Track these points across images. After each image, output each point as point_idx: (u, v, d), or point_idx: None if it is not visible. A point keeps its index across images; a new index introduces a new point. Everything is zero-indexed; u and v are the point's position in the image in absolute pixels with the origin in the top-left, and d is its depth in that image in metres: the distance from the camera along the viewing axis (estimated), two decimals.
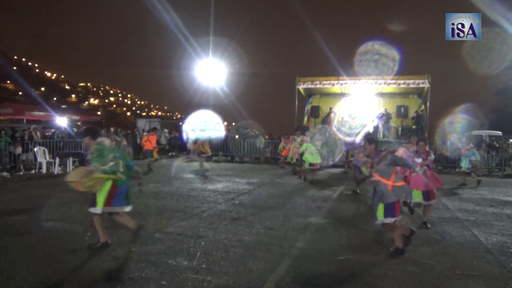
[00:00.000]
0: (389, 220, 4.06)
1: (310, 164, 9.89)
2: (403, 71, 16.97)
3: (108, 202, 3.99)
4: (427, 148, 5.64)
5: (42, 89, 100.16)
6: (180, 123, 21.33)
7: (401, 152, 5.56)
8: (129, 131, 20.08)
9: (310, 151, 9.90)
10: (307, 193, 8.37)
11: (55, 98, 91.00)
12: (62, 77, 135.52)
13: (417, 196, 5.38)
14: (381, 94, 18.02)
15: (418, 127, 15.96)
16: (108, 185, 3.99)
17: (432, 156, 5.62)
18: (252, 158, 17.09)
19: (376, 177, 4.13)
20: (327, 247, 4.46)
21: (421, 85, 16.04)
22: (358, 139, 15.83)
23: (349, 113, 17.85)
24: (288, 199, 7.63)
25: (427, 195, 5.37)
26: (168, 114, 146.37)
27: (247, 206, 6.79)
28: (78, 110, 46.80)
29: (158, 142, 14.04)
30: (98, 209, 3.98)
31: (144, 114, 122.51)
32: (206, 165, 13.88)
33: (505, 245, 4.70)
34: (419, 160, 5.26)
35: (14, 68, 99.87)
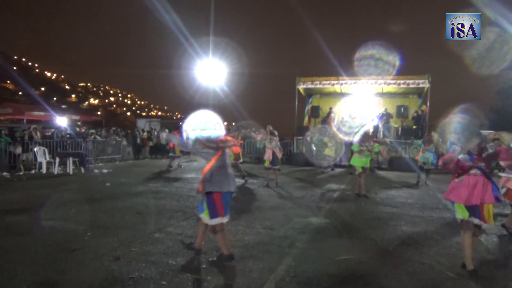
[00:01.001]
0: (206, 220, 3.66)
1: (364, 169, 7.96)
2: (403, 71, 16.95)
3: None
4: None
5: (42, 89, 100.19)
6: (180, 123, 21.30)
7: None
8: (128, 131, 20.08)
9: (360, 152, 7.97)
10: (307, 193, 8.37)
11: (55, 98, 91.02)
12: (62, 77, 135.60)
13: (460, 212, 3.71)
14: (381, 94, 18.02)
15: (418, 127, 15.96)
16: None
17: (490, 152, 3.83)
18: (252, 158, 17.09)
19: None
20: (327, 247, 4.46)
21: (421, 85, 16.04)
22: (356, 138, 15.84)
23: (349, 113, 17.85)
24: (288, 199, 7.63)
25: (473, 210, 3.62)
26: (168, 114, 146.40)
27: (247, 206, 6.79)
28: (78, 110, 46.82)
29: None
30: None
31: (144, 114, 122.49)
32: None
33: (505, 245, 4.70)
34: (466, 157, 3.72)
35: (14, 68, 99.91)
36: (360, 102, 18.19)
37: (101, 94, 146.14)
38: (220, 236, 3.73)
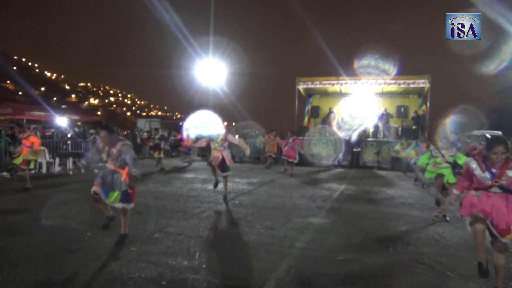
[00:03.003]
0: (126, 205, 4.30)
1: (439, 175, 6.30)
2: (403, 71, 16.98)
3: None
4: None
5: (42, 89, 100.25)
6: (180, 123, 21.35)
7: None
8: (128, 131, 20.08)
9: (435, 164, 6.26)
10: (307, 193, 8.37)
11: (55, 98, 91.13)
12: (62, 77, 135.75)
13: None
14: (381, 94, 18.04)
15: (418, 127, 15.99)
16: None
17: None
18: (252, 158, 17.09)
19: (113, 167, 4.28)
20: (327, 247, 4.46)
21: (421, 85, 16.06)
22: (355, 136, 15.88)
23: (349, 113, 17.88)
24: (288, 199, 7.63)
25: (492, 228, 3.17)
26: (168, 114, 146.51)
27: (247, 206, 6.79)
28: (78, 110, 46.86)
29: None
30: None
31: (144, 114, 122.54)
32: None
33: None
34: (485, 176, 3.16)
35: (14, 68, 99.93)
36: (360, 102, 18.22)
37: (101, 94, 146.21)
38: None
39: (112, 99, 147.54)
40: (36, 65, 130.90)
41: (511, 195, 3.12)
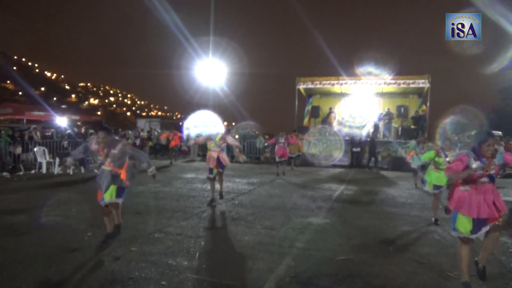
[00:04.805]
0: (119, 200, 4.36)
1: (436, 187, 5.83)
2: (403, 71, 16.98)
3: None
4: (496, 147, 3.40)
5: (42, 89, 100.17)
6: (180, 123, 21.32)
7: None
8: (126, 131, 20.02)
9: (437, 165, 5.79)
10: (307, 193, 8.37)
11: (55, 98, 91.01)
12: (62, 77, 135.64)
13: (462, 227, 3.42)
14: (381, 94, 18.04)
15: (418, 127, 15.97)
16: None
17: (500, 160, 3.38)
18: (252, 158, 17.09)
19: (111, 167, 4.32)
20: (327, 247, 4.46)
21: (421, 85, 16.05)
22: (365, 131, 15.92)
23: (349, 113, 17.88)
24: (288, 199, 7.63)
25: (479, 223, 3.33)
26: (168, 114, 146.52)
27: (247, 206, 6.79)
28: (78, 110, 46.77)
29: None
30: None
31: (144, 114, 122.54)
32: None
33: (505, 245, 4.70)
34: (475, 165, 3.26)
35: (14, 68, 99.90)
36: (360, 102, 18.20)
37: (101, 94, 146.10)
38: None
39: (112, 99, 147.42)
40: (36, 65, 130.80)
41: (494, 185, 3.37)
